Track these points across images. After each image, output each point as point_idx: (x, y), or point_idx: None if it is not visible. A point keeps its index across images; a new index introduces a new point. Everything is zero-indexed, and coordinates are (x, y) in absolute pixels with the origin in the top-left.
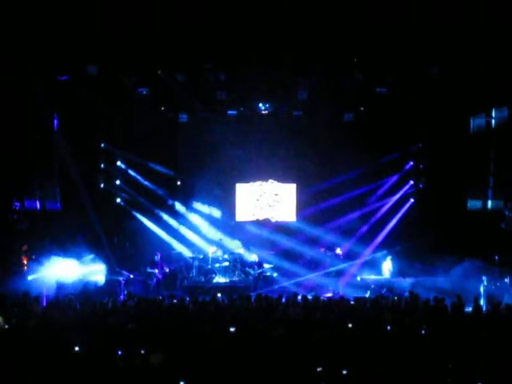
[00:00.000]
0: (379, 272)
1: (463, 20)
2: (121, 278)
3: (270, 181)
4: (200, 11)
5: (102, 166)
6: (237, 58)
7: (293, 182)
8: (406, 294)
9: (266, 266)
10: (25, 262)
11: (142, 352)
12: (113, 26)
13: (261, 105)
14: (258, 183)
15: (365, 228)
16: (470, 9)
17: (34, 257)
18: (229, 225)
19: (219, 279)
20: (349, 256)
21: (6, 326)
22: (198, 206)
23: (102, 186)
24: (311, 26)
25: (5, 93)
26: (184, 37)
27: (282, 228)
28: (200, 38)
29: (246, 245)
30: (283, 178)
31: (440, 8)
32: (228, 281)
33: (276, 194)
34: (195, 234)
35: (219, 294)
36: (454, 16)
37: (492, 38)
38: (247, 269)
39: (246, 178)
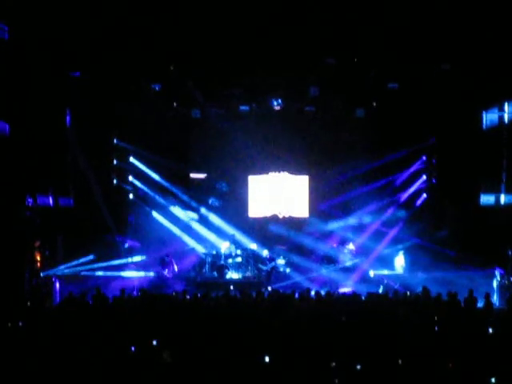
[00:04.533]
0: (392, 267)
1: (474, 13)
2: (134, 274)
3: (283, 173)
4: (211, 7)
5: (115, 162)
6: (249, 54)
7: (305, 175)
8: (419, 289)
9: (279, 261)
10: (38, 258)
11: (156, 348)
12: (125, 21)
13: (273, 101)
14: (271, 175)
15: (377, 223)
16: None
17: (47, 253)
18: (242, 220)
19: (232, 275)
20: (361, 251)
21: (20, 324)
22: (210, 201)
23: (114, 182)
24: (324, 22)
25: (17, 88)
26: (196, 33)
27: (294, 223)
28: (212, 34)
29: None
30: (296, 171)
31: (450, 2)
32: (241, 276)
33: (289, 190)
34: (208, 229)
35: (231, 287)
36: (464, 9)
37: (504, 32)
38: (260, 264)
39: (258, 172)
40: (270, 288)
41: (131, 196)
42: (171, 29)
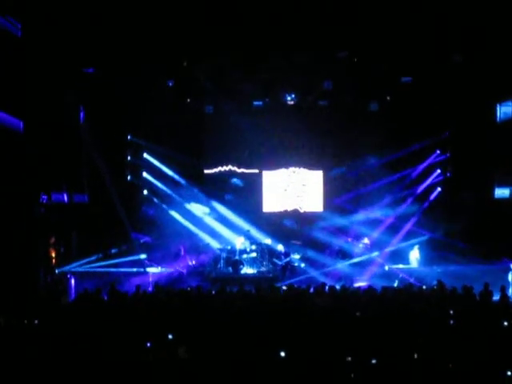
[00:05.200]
0: (407, 261)
1: (486, 5)
2: (149, 270)
3: (297, 168)
4: (223, 2)
5: (129, 158)
6: (262, 49)
7: (319, 170)
8: (434, 283)
9: (294, 256)
10: (53, 254)
11: (171, 344)
12: (138, 17)
13: (287, 95)
14: (284, 170)
15: (392, 217)
16: None
17: (62, 249)
18: (256, 215)
19: (247, 270)
20: (376, 245)
21: (36, 321)
22: (224, 196)
23: (128, 178)
24: (336, 16)
25: (30, 85)
26: (208, 28)
27: (309, 218)
28: (225, 29)
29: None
30: (310, 166)
31: None
32: (256, 272)
33: (304, 185)
34: (223, 225)
35: (246, 283)
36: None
37: None
38: (275, 259)
39: (272, 167)
40: (285, 283)
41: (145, 192)
42: (184, 24)
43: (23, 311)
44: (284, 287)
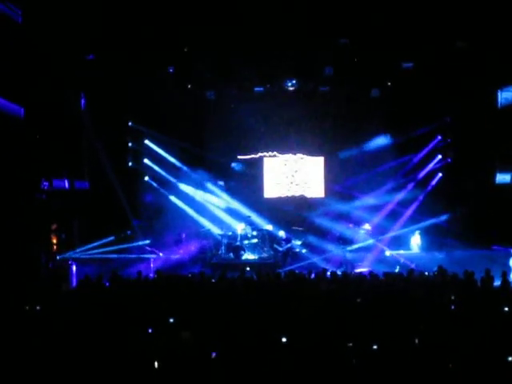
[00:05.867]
0: (408, 247)
1: None
2: (150, 256)
3: (298, 154)
4: None
5: (130, 144)
6: (263, 34)
7: (320, 156)
8: (435, 268)
9: (295, 242)
10: (54, 241)
11: (173, 329)
12: (139, 3)
13: (288, 81)
14: (286, 156)
15: (393, 203)
16: None
17: (63, 236)
18: (257, 201)
19: (248, 256)
20: (377, 231)
21: (38, 308)
22: (226, 182)
23: (129, 164)
24: (337, 1)
25: (31, 72)
26: (209, 14)
27: (310, 204)
28: (225, 15)
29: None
30: (311, 152)
31: None
32: (257, 257)
33: (304, 169)
34: (223, 211)
35: (248, 268)
36: None
37: None
38: (276, 245)
39: (274, 152)
40: (286, 269)
41: (146, 178)
42: (185, 10)
43: (25, 297)
44: (285, 273)
